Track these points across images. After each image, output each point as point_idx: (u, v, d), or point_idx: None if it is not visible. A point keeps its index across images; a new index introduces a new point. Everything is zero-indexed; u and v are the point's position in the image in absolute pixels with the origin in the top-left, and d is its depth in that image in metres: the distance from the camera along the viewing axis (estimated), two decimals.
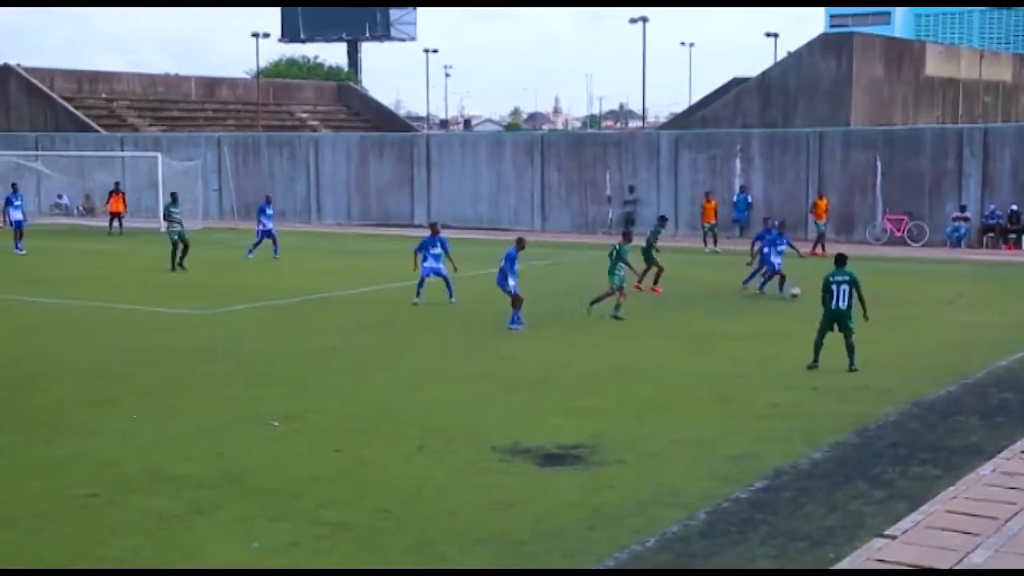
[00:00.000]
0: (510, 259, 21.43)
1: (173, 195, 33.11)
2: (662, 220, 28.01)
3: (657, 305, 23.66)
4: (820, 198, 36.62)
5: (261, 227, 33.92)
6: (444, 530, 10.31)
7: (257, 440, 13.38)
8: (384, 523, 10.48)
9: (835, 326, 16.97)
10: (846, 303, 16.77)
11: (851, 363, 16.89)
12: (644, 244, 25.84)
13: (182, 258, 30.49)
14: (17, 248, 35.16)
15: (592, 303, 22.29)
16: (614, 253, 22.16)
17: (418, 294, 23.85)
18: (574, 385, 16.36)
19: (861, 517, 10.53)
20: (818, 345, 17.12)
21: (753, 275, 25.60)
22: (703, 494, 11.20)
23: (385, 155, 47.36)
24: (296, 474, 11.97)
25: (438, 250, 23.88)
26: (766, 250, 24.91)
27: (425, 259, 23.87)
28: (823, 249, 33.75)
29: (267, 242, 33.80)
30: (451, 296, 23.96)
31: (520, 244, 21.78)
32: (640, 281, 25.20)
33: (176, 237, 30.64)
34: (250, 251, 33.67)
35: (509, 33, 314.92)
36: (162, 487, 11.55)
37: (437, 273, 23.95)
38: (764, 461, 12.35)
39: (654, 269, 25.82)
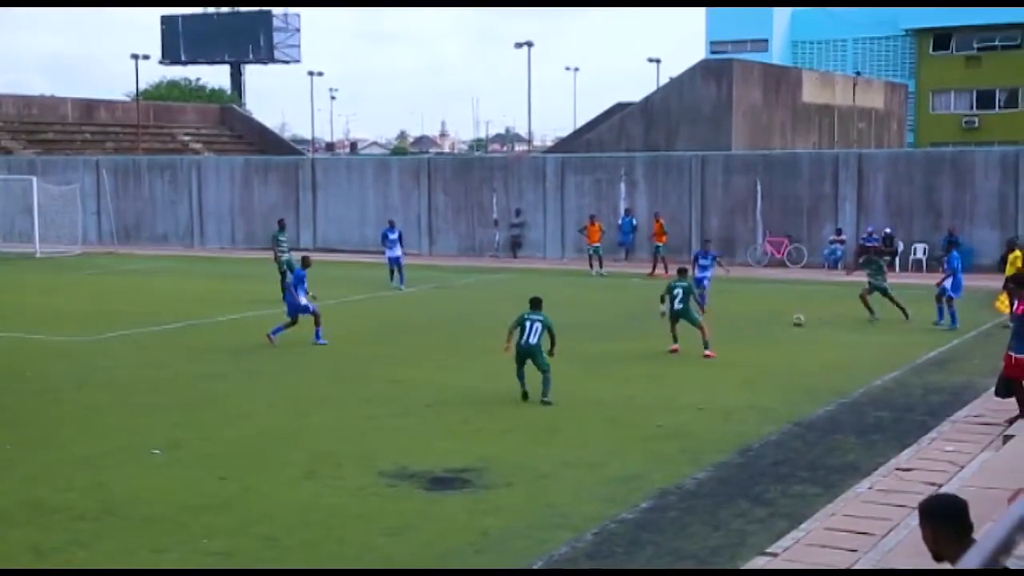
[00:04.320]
0: (299, 278, 22.13)
1: (280, 222, 31.65)
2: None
3: None
4: (655, 220, 36.92)
5: (387, 254, 32.02)
6: (332, 556, 10.23)
7: (139, 469, 13.11)
8: (271, 551, 10.35)
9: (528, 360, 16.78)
10: (536, 339, 16.67)
11: (544, 394, 16.63)
12: None
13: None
14: None
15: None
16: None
17: None
18: (463, 408, 16.36)
19: (744, 535, 10.73)
20: (519, 376, 16.86)
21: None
22: (590, 516, 11.30)
23: (270, 178, 46.91)
24: (180, 503, 11.75)
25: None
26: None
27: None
28: (666, 270, 34.40)
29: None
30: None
31: (305, 263, 22.72)
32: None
33: (284, 267, 28.56)
34: (392, 279, 31.48)
35: (395, 56, 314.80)
36: (40, 520, 11.24)
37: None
38: (650, 482, 12.51)
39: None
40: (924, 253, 36.33)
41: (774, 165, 39.06)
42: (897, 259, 36.48)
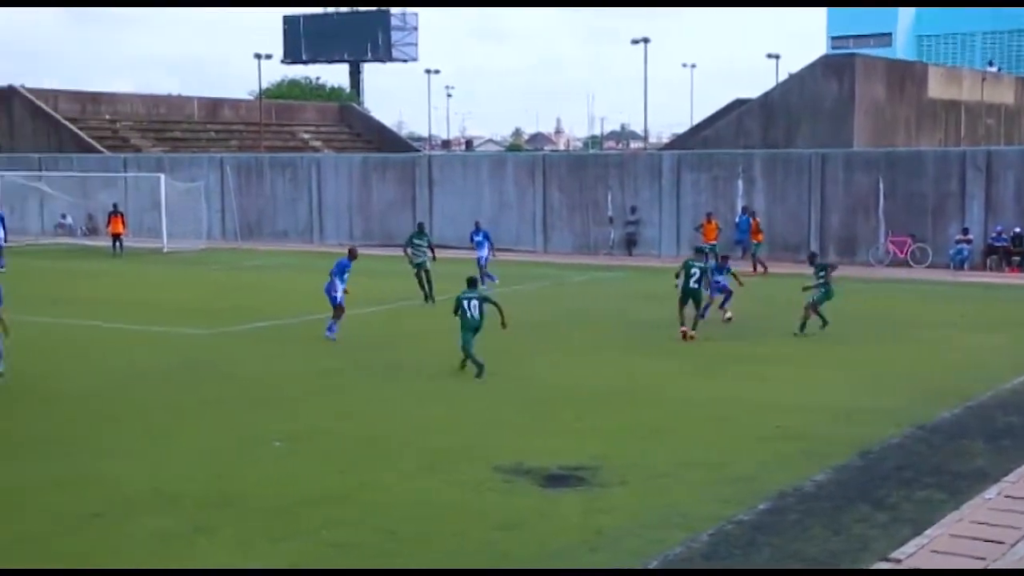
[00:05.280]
0: (341, 268, 22.14)
1: (420, 225, 31.54)
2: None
3: (659, 326, 23.58)
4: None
5: (476, 253, 31.78)
6: (449, 551, 10.27)
7: (258, 460, 13.35)
8: (389, 544, 10.44)
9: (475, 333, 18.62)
10: (478, 313, 18.54)
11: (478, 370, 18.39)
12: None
13: (430, 289, 27.81)
14: None
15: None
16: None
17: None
18: (577, 406, 16.32)
19: (865, 540, 10.48)
20: (465, 350, 18.63)
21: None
22: (707, 516, 11.15)
23: (387, 176, 47.42)
24: (298, 495, 11.93)
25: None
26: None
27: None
28: (763, 268, 35.05)
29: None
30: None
31: (352, 254, 22.64)
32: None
33: (416, 268, 28.53)
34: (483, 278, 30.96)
35: (511, 54, 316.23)
36: (164, 507, 11.53)
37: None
38: (768, 483, 12.30)
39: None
40: None
41: (897, 163, 38.15)
42: None
